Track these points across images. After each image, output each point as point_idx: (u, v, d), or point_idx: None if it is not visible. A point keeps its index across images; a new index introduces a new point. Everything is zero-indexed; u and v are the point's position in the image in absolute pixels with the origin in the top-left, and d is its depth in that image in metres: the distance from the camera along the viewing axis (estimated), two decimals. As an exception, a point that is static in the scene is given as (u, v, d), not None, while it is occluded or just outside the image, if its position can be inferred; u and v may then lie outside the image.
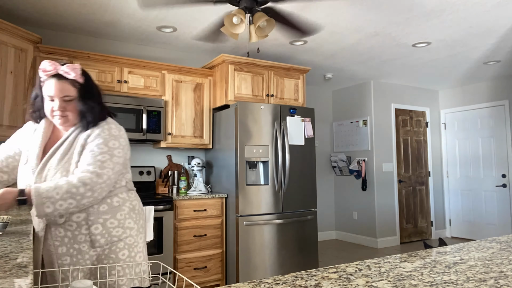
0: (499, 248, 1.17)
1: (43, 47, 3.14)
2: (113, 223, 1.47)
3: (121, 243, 1.48)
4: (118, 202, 1.51)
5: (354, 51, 4.24)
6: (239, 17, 2.68)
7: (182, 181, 3.78)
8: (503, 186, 5.42)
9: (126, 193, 1.56)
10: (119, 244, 1.48)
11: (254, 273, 3.45)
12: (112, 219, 1.48)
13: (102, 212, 1.46)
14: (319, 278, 0.88)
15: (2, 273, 0.89)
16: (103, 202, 1.47)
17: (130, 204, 1.56)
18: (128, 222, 1.52)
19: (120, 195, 1.53)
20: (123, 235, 1.49)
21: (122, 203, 1.52)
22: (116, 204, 1.50)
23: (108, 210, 1.47)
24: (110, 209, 1.48)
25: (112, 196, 1.50)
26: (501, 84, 5.52)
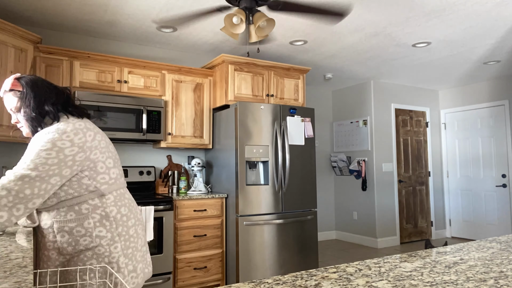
0: (499, 248, 1.17)
1: (43, 47, 3.14)
2: (79, 232, 1.39)
3: (89, 252, 1.40)
4: (87, 210, 1.41)
5: (354, 51, 4.24)
6: (239, 17, 2.68)
7: (182, 181, 3.78)
8: (503, 186, 5.42)
9: (98, 199, 1.44)
10: (87, 253, 1.40)
11: (254, 273, 3.45)
12: (78, 227, 1.39)
13: (69, 220, 1.39)
14: (319, 278, 0.88)
15: (2, 273, 0.89)
16: (70, 210, 1.39)
17: (102, 211, 1.44)
18: (99, 231, 1.42)
19: (91, 201, 1.42)
20: (91, 245, 1.40)
21: (92, 210, 1.42)
22: (84, 212, 1.41)
23: (75, 218, 1.39)
24: (77, 216, 1.40)
25: (81, 202, 1.41)
26: (501, 84, 5.52)
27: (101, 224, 1.43)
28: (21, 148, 3.37)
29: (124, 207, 1.52)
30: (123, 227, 1.49)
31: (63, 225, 1.39)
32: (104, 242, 1.42)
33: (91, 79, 3.35)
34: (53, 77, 3.20)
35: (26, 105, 1.43)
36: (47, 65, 3.18)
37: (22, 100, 1.44)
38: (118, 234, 1.47)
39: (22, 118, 1.46)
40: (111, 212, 1.46)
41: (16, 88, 1.45)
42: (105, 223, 1.44)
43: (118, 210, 1.49)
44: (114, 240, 1.45)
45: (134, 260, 1.51)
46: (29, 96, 1.44)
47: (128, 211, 1.54)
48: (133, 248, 1.52)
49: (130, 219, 1.54)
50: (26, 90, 1.45)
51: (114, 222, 1.46)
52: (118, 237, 1.46)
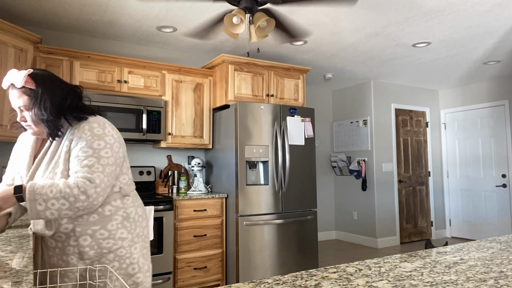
0: (499, 248, 1.17)
1: (43, 47, 3.14)
2: (103, 234, 1.37)
3: (111, 255, 1.39)
4: (110, 211, 1.40)
5: (354, 51, 4.24)
6: (239, 17, 2.68)
7: (182, 181, 3.78)
8: (503, 186, 5.42)
9: (120, 199, 1.44)
10: (109, 256, 1.38)
11: (254, 273, 3.45)
12: (102, 230, 1.38)
13: (92, 222, 1.36)
14: (319, 278, 0.88)
15: (2, 273, 0.89)
16: (93, 212, 1.37)
17: (124, 213, 1.44)
18: (121, 233, 1.41)
19: (114, 202, 1.42)
20: (114, 247, 1.39)
21: (115, 212, 1.41)
22: (107, 214, 1.39)
23: (98, 221, 1.37)
24: (100, 219, 1.38)
25: (104, 204, 1.39)
26: (501, 84, 5.52)
27: (123, 226, 1.42)
28: (21, 148, 3.37)
29: (140, 207, 1.53)
30: (140, 228, 1.50)
31: (86, 228, 1.36)
32: (125, 243, 1.42)
33: (91, 79, 3.35)
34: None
35: (41, 106, 1.33)
36: (47, 65, 3.18)
37: (35, 99, 1.33)
38: (137, 235, 1.47)
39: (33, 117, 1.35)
40: (131, 213, 1.46)
41: (28, 86, 1.33)
42: (126, 224, 1.43)
43: (136, 211, 1.49)
44: (134, 241, 1.45)
45: (148, 260, 1.53)
46: (44, 97, 1.34)
47: (142, 212, 1.55)
48: (147, 248, 1.54)
49: (144, 219, 1.55)
50: (40, 90, 1.34)
51: (133, 223, 1.47)
52: (137, 237, 1.47)
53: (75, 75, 3.29)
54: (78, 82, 3.29)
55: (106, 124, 1.41)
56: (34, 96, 1.33)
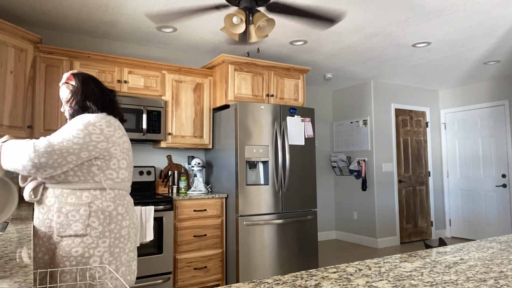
0: (499, 248, 1.17)
1: (43, 47, 3.14)
2: (74, 216, 1.46)
3: (78, 239, 1.45)
4: (87, 198, 1.48)
5: (354, 51, 4.24)
6: (239, 17, 2.68)
7: (182, 181, 3.78)
8: (503, 186, 5.42)
9: (100, 191, 1.52)
10: (75, 240, 1.45)
11: (254, 273, 3.45)
12: (74, 212, 1.46)
13: (69, 203, 1.46)
14: (319, 278, 0.88)
15: (2, 273, 0.89)
16: (72, 194, 1.47)
17: (100, 203, 1.50)
18: (92, 221, 1.47)
19: (93, 191, 1.50)
20: (81, 232, 1.45)
21: (92, 200, 1.49)
22: (84, 199, 1.48)
23: (74, 203, 1.47)
24: (76, 201, 1.47)
25: (83, 189, 1.49)
26: (501, 84, 5.52)
27: (96, 215, 1.49)
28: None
29: (121, 206, 1.57)
30: (116, 225, 1.54)
31: (62, 206, 1.46)
32: (93, 233, 1.47)
33: (91, 79, 3.35)
34: (53, 77, 3.20)
35: (74, 97, 1.62)
36: (47, 65, 3.18)
37: (72, 92, 1.63)
38: (110, 230, 1.51)
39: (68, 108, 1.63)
40: (108, 207, 1.52)
41: (70, 82, 1.65)
42: (99, 215, 1.49)
43: (115, 207, 1.54)
44: (104, 235, 1.49)
45: (118, 261, 1.53)
46: (79, 91, 1.62)
47: (125, 212, 1.58)
48: (121, 249, 1.54)
49: (125, 219, 1.57)
50: (77, 85, 1.64)
51: (108, 217, 1.51)
52: (108, 232, 1.51)
53: (75, 75, 3.28)
54: (78, 82, 3.29)
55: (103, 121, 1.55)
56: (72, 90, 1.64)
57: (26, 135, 2.96)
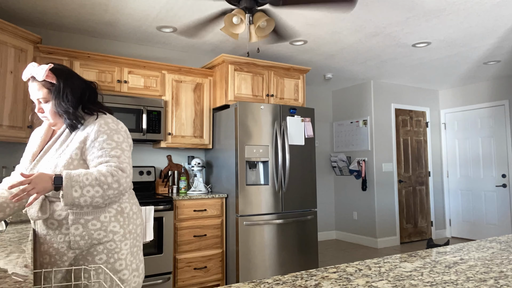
0: (499, 248, 1.17)
1: (43, 47, 3.14)
2: (95, 225, 1.39)
3: (101, 247, 1.40)
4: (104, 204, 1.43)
5: (354, 51, 4.24)
6: (239, 17, 2.68)
7: (182, 181, 3.78)
8: (503, 186, 5.42)
9: None
10: (98, 248, 1.39)
11: (254, 273, 3.45)
12: (94, 221, 1.39)
13: (85, 212, 1.38)
14: (319, 278, 0.88)
15: (2, 273, 0.89)
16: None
17: (118, 207, 1.46)
18: (113, 226, 1.42)
19: None
20: (104, 239, 1.40)
21: (109, 205, 1.44)
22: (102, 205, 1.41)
23: (92, 211, 1.39)
24: (94, 209, 1.40)
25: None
26: (501, 84, 5.52)
27: (116, 220, 1.44)
28: (21, 148, 3.37)
29: (135, 205, 1.56)
30: (133, 224, 1.51)
31: (79, 217, 1.37)
32: (116, 238, 1.43)
33: (91, 79, 3.35)
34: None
35: (62, 99, 1.42)
36: (47, 65, 3.18)
37: (55, 92, 1.42)
38: (129, 231, 1.48)
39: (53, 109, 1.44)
40: (125, 208, 1.49)
41: (49, 80, 1.42)
42: (119, 218, 1.45)
43: (131, 207, 1.52)
44: (126, 237, 1.46)
45: (137, 259, 1.52)
46: (66, 90, 1.43)
47: (138, 210, 1.57)
48: (138, 247, 1.54)
49: (138, 217, 1.56)
50: (61, 84, 1.43)
51: (127, 218, 1.48)
52: (129, 234, 1.48)
53: (75, 75, 3.28)
54: (78, 82, 3.29)
55: (119, 120, 1.52)
56: (56, 89, 1.43)
57: (26, 135, 2.96)
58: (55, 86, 1.43)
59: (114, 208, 1.44)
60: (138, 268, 1.51)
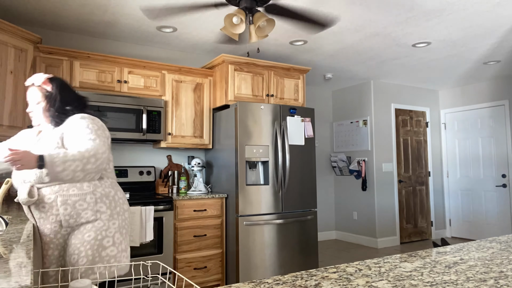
0: (499, 248, 1.17)
1: (43, 47, 3.14)
2: (82, 205, 1.55)
3: (89, 225, 1.56)
4: (88, 187, 1.59)
5: (354, 51, 4.24)
6: (239, 17, 2.68)
7: (182, 181, 3.78)
8: (503, 186, 5.42)
9: (98, 180, 1.64)
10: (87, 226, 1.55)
11: (254, 273, 3.45)
12: (81, 201, 1.55)
13: (72, 194, 1.55)
14: (319, 278, 0.88)
15: (2, 273, 0.89)
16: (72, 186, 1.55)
17: (102, 190, 1.63)
18: (100, 206, 1.59)
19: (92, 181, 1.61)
20: (92, 217, 1.57)
21: (94, 189, 1.60)
22: (86, 189, 1.58)
23: (77, 194, 1.55)
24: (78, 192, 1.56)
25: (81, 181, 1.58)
26: (501, 84, 5.52)
27: (102, 201, 1.60)
28: (21, 148, 3.37)
29: (119, 191, 1.73)
30: (120, 208, 1.68)
31: (66, 199, 1.53)
32: (104, 217, 1.59)
33: (91, 79, 3.35)
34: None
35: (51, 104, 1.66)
36: (47, 65, 3.18)
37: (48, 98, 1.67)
38: (117, 213, 1.65)
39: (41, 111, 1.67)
40: (109, 192, 1.65)
41: (45, 86, 1.68)
42: (105, 200, 1.62)
43: (115, 192, 1.69)
44: (113, 217, 1.62)
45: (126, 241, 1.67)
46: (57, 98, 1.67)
47: (123, 196, 1.74)
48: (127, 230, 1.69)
49: (125, 203, 1.73)
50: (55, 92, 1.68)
51: (113, 201, 1.65)
52: (116, 215, 1.64)
53: (75, 75, 3.29)
54: (78, 82, 3.29)
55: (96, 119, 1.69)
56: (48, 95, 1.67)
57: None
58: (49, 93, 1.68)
59: (98, 192, 1.61)
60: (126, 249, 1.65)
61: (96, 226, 1.56)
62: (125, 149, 3.84)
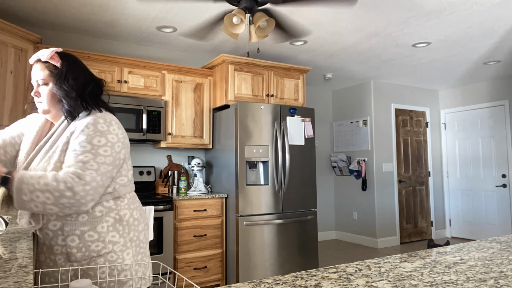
0: (499, 248, 1.17)
1: (43, 47, 3.14)
2: (92, 236, 1.29)
3: (101, 259, 1.30)
4: (101, 212, 1.32)
5: (354, 51, 4.24)
6: (239, 17, 2.68)
7: (182, 181, 3.78)
8: (503, 186, 5.42)
9: (113, 201, 1.36)
10: (98, 260, 1.30)
11: (254, 273, 3.45)
12: (91, 232, 1.30)
13: (81, 222, 1.29)
14: (319, 278, 0.88)
15: (2, 273, 0.89)
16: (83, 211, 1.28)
17: (116, 215, 1.35)
18: (112, 236, 1.33)
19: (105, 203, 1.34)
20: (104, 251, 1.30)
21: (106, 213, 1.33)
22: (98, 214, 1.31)
23: (88, 221, 1.30)
24: (90, 219, 1.30)
25: (95, 204, 1.31)
26: (501, 84, 5.52)
27: (114, 229, 1.34)
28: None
29: (136, 210, 1.45)
30: (135, 232, 1.42)
31: (74, 228, 1.29)
32: (117, 248, 1.33)
33: (91, 79, 3.35)
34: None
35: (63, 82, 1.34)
36: (47, 65, 3.18)
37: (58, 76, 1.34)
38: (130, 240, 1.39)
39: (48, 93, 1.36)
40: (124, 215, 1.38)
41: (52, 62, 1.36)
42: (118, 227, 1.35)
43: (131, 213, 1.41)
44: (127, 246, 1.37)
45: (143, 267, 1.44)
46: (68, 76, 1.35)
47: (139, 215, 1.46)
48: (143, 254, 1.45)
49: (140, 223, 1.46)
50: (65, 69, 1.36)
51: (127, 226, 1.38)
52: (130, 242, 1.38)
53: (75, 75, 3.28)
54: (78, 82, 3.29)
55: (113, 122, 1.35)
56: (58, 73, 1.35)
57: (26, 135, 2.96)
58: (58, 69, 1.35)
59: (111, 217, 1.34)
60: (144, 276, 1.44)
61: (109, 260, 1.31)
62: (125, 149, 3.83)
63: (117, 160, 1.32)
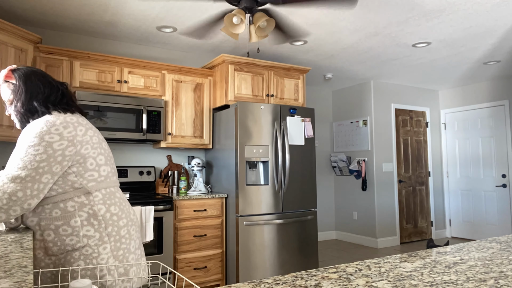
0: (499, 248, 1.17)
1: (43, 47, 3.14)
2: (66, 231, 1.32)
3: (76, 253, 1.33)
4: (73, 207, 1.34)
5: (354, 51, 4.24)
6: (239, 17, 2.68)
7: (182, 181, 3.78)
8: (503, 186, 5.42)
9: (85, 196, 1.37)
10: (74, 254, 1.32)
11: (254, 273, 3.45)
12: (65, 226, 1.32)
13: (55, 217, 1.32)
14: (319, 278, 0.88)
15: (2, 273, 0.89)
16: (55, 207, 1.33)
17: (90, 209, 1.36)
18: (86, 230, 1.34)
19: (77, 199, 1.35)
20: (78, 244, 1.33)
21: (79, 208, 1.35)
22: (70, 209, 1.34)
23: (61, 216, 1.33)
24: (63, 214, 1.33)
25: (66, 200, 1.34)
26: (501, 84, 5.52)
27: (89, 223, 1.36)
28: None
29: (114, 206, 1.44)
30: (113, 226, 1.41)
31: (49, 223, 1.33)
32: (92, 242, 1.35)
33: (91, 79, 3.35)
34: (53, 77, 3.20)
35: (17, 99, 1.41)
36: (47, 65, 3.18)
37: (15, 93, 1.42)
38: (108, 234, 1.39)
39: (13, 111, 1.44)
40: (99, 210, 1.39)
41: (10, 80, 1.43)
42: (93, 222, 1.36)
43: (107, 208, 1.41)
44: (103, 240, 1.37)
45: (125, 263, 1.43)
46: (20, 90, 1.41)
47: (119, 210, 1.46)
48: (125, 250, 1.44)
49: (121, 218, 1.45)
50: (18, 83, 1.42)
51: (103, 221, 1.39)
52: (107, 237, 1.39)
53: (75, 75, 3.29)
54: (78, 82, 3.29)
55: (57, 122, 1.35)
56: (14, 89, 1.42)
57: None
58: (14, 86, 1.42)
59: (85, 212, 1.36)
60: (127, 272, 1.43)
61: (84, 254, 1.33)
62: (125, 149, 3.83)
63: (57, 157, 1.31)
